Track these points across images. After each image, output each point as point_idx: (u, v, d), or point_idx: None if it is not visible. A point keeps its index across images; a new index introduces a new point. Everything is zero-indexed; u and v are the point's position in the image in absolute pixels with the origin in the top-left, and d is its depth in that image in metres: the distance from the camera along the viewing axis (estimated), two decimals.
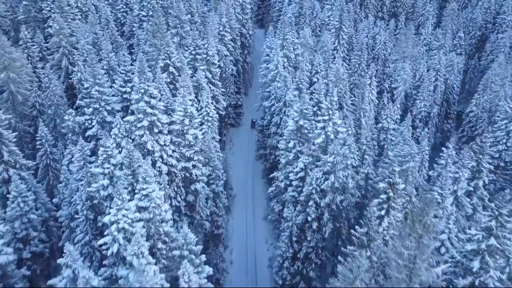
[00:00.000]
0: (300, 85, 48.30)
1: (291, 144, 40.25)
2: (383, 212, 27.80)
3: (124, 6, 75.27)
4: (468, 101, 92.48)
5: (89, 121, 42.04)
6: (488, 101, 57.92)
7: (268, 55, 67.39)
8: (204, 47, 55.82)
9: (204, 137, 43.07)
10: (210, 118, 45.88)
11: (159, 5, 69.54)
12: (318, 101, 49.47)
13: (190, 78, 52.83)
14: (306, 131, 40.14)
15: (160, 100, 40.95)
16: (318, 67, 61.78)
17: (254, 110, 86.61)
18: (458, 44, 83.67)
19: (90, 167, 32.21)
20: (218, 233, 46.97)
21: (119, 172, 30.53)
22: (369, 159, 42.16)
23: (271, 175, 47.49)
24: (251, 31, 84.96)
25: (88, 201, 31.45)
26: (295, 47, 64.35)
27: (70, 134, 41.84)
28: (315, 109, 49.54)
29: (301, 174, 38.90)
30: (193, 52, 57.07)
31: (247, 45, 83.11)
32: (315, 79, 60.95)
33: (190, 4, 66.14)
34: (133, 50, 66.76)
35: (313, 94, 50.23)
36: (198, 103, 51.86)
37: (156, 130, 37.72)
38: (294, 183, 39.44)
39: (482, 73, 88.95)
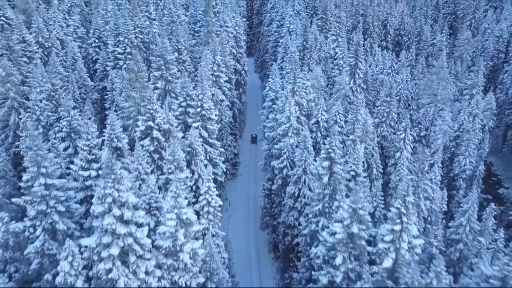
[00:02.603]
0: (332, 154, 34.02)
1: (338, 260, 25.54)
2: None
3: (97, 40, 59.86)
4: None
5: (32, 229, 26.41)
6: None
7: (272, 100, 53.04)
8: (198, 98, 40.92)
9: (206, 242, 27.96)
10: (212, 209, 30.84)
11: (139, 40, 54.51)
12: (355, 174, 35.28)
13: (181, 140, 38.01)
14: (363, 242, 25.57)
15: (137, 194, 25.90)
16: (337, 116, 47.81)
17: (249, 151, 72.75)
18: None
19: None
20: None
21: None
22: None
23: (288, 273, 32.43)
24: (246, 67, 70.57)
25: None
26: (307, 91, 50.20)
27: (0, 251, 26.09)
28: (350, 184, 35.38)
29: None
30: (184, 104, 42.14)
31: (243, 82, 68.66)
32: (332, 131, 46.87)
33: (178, 40, 51.23)
34: (106, 96, 51.46)
35: (347, 164, 36.02)
36: (191, 175, 36.89)
37: (132, 259, 22.47)
38: None
39: (501, 108, 77.02)
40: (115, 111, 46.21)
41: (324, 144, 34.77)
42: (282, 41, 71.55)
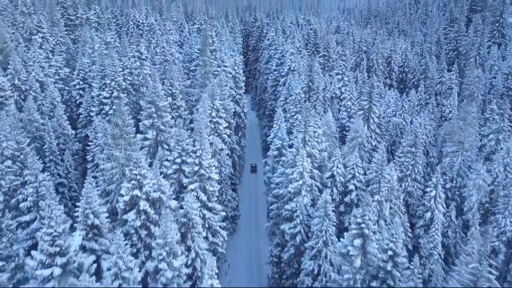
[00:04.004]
0: (366, 230, 26.71)
1: None
2: None
3: (81, 82, 52.86)
4: None
5: None
6: None
7: (279, 149, 45.93)
8: (196, 154, 33.57)
9: None
10: None
11: (128, 82, 47.54)
12: (393, 254, 27.59)
13: (175, 207, 30.38)
14: None
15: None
16: (355, 169, 40.62)
17: (249, 193, 65.75)
18: (491, 118, 65.36)
19: None
20: None
21: None
22: None
23: None
24: (246, 108, 63.82)
25: None
26: (319, 139, 43.25)
27: None
28: (389, 267, 27.67)
29: None
30: (178, 161, 34.73)
31: (242, 125, 61.73)
32: (351, 187, 39.83)
33: (171, 83, 44.27)
34: (88, 146, 43.89)
35: (382, 240, 28.44)
36: (187, 253, 29.00)
37: None
38: None
39: None
40: (96, 166, 38.78)
41: (355, 216, 27.38)
42: (283, 81, 65.51)
